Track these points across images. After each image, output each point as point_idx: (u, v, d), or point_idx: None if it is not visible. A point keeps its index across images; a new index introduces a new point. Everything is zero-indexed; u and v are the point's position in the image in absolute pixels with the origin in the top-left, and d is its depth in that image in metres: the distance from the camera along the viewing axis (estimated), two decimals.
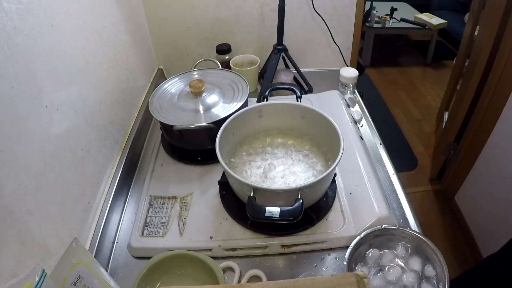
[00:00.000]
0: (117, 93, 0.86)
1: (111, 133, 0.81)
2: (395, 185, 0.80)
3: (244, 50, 1.21)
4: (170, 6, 1.11)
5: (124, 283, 0.63)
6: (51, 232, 0.54)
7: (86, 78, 0.71)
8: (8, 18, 0.48)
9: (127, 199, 0.80)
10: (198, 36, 1.18)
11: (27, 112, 0.51)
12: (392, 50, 3.49)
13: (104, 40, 0.80)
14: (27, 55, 0.52)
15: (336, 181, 0.76)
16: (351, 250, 0.60)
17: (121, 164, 0.81)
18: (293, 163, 0.75)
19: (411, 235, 0.62)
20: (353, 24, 1.17)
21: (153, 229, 0.70)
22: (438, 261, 0.58)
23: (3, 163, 0.45)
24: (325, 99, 1.01)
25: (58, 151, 0.58)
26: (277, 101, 0.83)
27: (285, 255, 0.67)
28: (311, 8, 1.12)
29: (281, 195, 0.61)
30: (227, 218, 0.71)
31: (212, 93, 0.85)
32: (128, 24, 0.97)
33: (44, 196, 0.53)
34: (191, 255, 0.62)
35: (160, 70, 1.22)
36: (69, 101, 0.64)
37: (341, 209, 0.71)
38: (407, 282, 0.58)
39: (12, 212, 0.46)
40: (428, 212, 1.83)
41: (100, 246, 0.66)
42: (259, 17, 1.15)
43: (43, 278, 0.41)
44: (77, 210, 0.64)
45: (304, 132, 0.80)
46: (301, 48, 1.22)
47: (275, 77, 1.10)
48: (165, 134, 0.87)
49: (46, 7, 0.58)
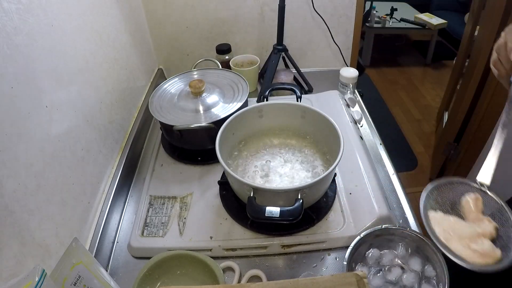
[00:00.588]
0: (117, 93, 0.86)
1: (111, 133, 0.81)
2: (395, 185, 0.80)
3: (244, 50, 1.21)
4: (170, 6, 1.11)
5: (124, 283, 0.63)
6: (51, 232, 0.54)
7: (86, 78, 0.71)
8: (8, 18, 0.48)
9: (127, 199, 0.80)
10: (198, 36, 1.18)
11: (27, 112, 0.51)
12: (392, 50, 3.49)
13: (104, 40, 0.80)
14: (27, 55, 0.52)
15: (336, 181, 0.76)
16: (351, 250, 0.60)
17: (121, 164, 0.81)
18: (293, 163, 0.75)
19: (411, 235, 0.62)
20: (353, 24, 1.17)
21: (153, 229, 0.70)
22: (438, 262, 0.58)
23: (3, 163, 0.45)
24: (325, 99, 1.01)
25: (58, 151, 0.58)
26: (277, 101, 0.83)
27: (285, 255, 0.67)
28: (311, 8, 1.12)
29: (281, 195, 0.61)
30: (227, 218, 0.71)
31: (212, 93, 0.85)
32: (128, 24, 0.97)
33: (44, 196, 0.53)
34: (191, 255, 0.62)
35: (160, 70, 1.22)
36: (69, 101, 0.64)
37: (341, 209, 0.71)
38: (407, 282, 0.58)
39: (12, 212, 0.46)
40: None
41: (100, 246, 0.66)
42: (259, 17, 1.15)
43: (43, 278, 0.41)
44: (77, 210, 0.64)
45: (304, 132, 0.80)
46: (301, 48, 1.22)
47: (275, 77, 1.10)
48: (165, 134, 0.87)
49: (46, 7, 0.58)
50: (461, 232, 0.52)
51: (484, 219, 0.52)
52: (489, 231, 0.51)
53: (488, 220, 0.52)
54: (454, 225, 0.53)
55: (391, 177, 0.82)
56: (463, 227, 0.52)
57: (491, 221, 0.52)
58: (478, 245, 0.50)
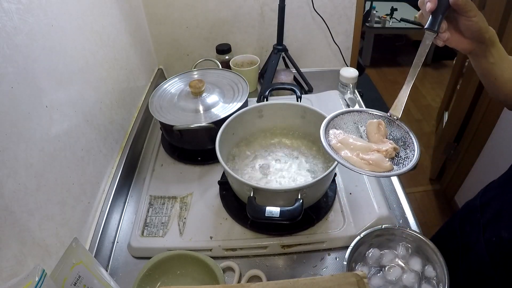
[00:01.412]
0: (117, 93, 0.86)
1: (111, 133, 0.81)
2: (395, 185, 0.80)
3: (244, 50, 1.21)
4: (170, 6, 1.11)
5: (124, 283, 0.63)
6: (51, 232, 0.54)
7: (86, 78, 0.71)
8: (8, 18, 0.48)
9: (127, 199, 0.80)
10: (198, 36, 1.18)
11: (27, 112, 0.51)
12: (392, 50, 3.49)
13: (104, 40, 0.80)
14: (27, 55, 0.52)
15: (336, 181, 0.76)
16: (351, 250, 0.60)
17: (121, 164, 0.81)
18: (293, 163, 0.75)
19: (412, 235, 0.62)
20: (353, 24, 1.17)
21: (153, 229, 0.70)
22: (438, 262, 0.58)
23: (3, 163, 0.45)
24: (325, 99, 1.01)
25: (58, 151, 0.58)
26: (277, 101, 0.83)
27: (285, 255, 0.67)
28: (311, 8, 1.12)
29: (281, 195, 0.61)
30: (227, 218, 0.71)
31: (212, 93, 0.85)
32: (128, 24, 0.97)
33: (44, 196, 0.53)
34: (191, 255, 0.62)
35: (160, 70, 1.22)
36: (69, 101, 0.64)
37: (341, 209, 0.71)
38: (407, 283, 0.58)
39: (12, 212, 0.46)
40: (428, 212, 1.83)
41: (100, 246, 0.66)
42: (259, 17, 1.15)
43: (43, 278, 0.41)
44: (77, 210, 0.64)
45: (304, 132, 0.80)
46: (301, 48, 1.22)
47: (275, 77, 1.10)
48: (165, 134, 0.87)
49: (46, 7, 0.58)
50: (355, 146, 0.56)
51: (385, 141, 0.56)
52: (385, 149, 0.54)
53: (390, 143, 0.56)
54: (350, 140, 0.57)
55: (391, 177, 0.82)
56: (359, 142, 0.56)
57: (392, 144, 0.55)
58: (368, 155, 0.53)
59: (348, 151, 0.55)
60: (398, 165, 0.54)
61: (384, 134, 0.58)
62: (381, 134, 0.57)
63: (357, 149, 0.55)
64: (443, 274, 0.56)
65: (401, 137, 0.57)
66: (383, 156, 0.54)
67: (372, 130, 0.58)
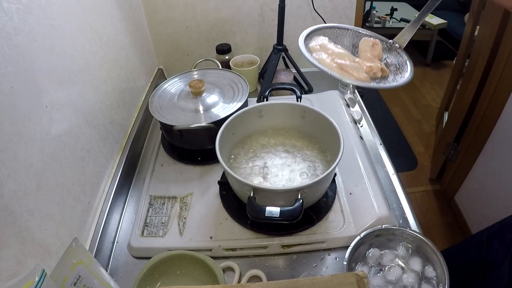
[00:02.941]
0: (117, 93, 0.86)
1: (111, 133, 0.81)
2: (395, 185, 0.80)
3: (244, 50, 1.21)
4: (170, 6, 1.11)
5: (124, 283, 0.63)
6: (51, 232, 0.54)
7: (86, 78, 0.71)
8: (8, 18, 0.48)
9: (127, 199, 0.80)
10: (198, 36, 1.18)
11: (27, 112, 0.51)
12: None
13: (104, 40, 0.80)
14: (27, 55, 0.52)
15: (336, 181, 0.76)
16: (351, 250, 0.60)
17: (121, 164, 0.81)
18: (293, 163, 0.75)
19: (412, 235, 0.62)
20: (353, 24, 1.17)
21: (153, 229, 0.70)
22: (438, 262, 0.58)
23: (3, 163, 0.45)
24: (325, 99, 1.01)
25: (58, 151, 0.58)
26: (277, 101, 0.83)
27: (285, 255, 0.67)
28: (311, 8, 1.12)
29: (281, 195, 0.61)
30: (227, 218, 0.71)
31: (212, 93, 0.85)
32: (128, 24, 0.97)
33: (44, 196, 0.53)
34: (191, 255, 0.62)
35: (160, 70, 1.22)
36: (69, 101, 0.64)
37: (341, 209, 0.71)
38: (407, 283, 0.58)
39: (12, 212, 0.46)
40: (428, 212, 1.83)
41: (100, 246, 0.66)
42: (259, 17, 1.15)
43: (43, 278, 0.41)
44: (77, 210, 0.64)
45: (304, 132, 0.80)
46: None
47: (275, 77, 1.10)
48: (165, 134, 0.87)
49: (46, 7, 0.58)
50: (333, 51, 0.52)
51: (375, 61, 0.53)
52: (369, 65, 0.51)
53: (380, 63, 0.52)
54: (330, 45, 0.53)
55: (391, 177, 0.82)
56: (340, 50, 0.53)
57: (381, 64, 0.52)
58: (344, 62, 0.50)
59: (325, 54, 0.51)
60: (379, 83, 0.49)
61: (377, 56, 0.54)
62: (373, 55, 0.53)
63: (334, 55, 0.51)
64: (443, 274, 0.56)
65: (395, 64, 0.53)
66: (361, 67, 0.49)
67: (364, 48, 0.54)
